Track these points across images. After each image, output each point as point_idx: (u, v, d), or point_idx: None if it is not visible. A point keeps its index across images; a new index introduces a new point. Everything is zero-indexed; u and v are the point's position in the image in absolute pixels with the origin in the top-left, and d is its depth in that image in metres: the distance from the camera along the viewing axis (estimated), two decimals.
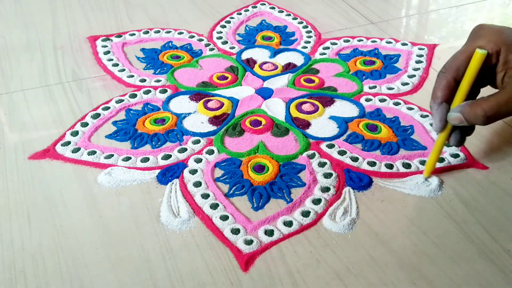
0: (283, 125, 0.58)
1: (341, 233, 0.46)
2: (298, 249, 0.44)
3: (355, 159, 0.53)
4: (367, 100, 0.62)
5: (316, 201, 0.49)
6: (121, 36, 0.75)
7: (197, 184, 0.51)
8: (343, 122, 0.58)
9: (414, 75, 0.66)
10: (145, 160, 0.53)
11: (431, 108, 0.48)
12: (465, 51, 0.46)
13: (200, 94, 0.63)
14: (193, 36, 0.75)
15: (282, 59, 0.70)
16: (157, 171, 0.52)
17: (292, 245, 0.45)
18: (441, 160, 0.53)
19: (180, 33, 0.76)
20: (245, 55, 0.71)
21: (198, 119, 0.59)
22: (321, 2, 0.85)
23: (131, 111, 0.61)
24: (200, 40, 0.75)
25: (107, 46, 0.73)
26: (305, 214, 0.47)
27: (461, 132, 0.48)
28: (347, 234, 0.46)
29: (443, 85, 0.46)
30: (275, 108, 0.61)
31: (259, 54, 0.71)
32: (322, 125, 0.58)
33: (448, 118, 0.46)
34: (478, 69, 0.45)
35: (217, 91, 0.64)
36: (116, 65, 0.69)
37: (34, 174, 0.52)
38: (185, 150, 0.55)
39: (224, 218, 0.47)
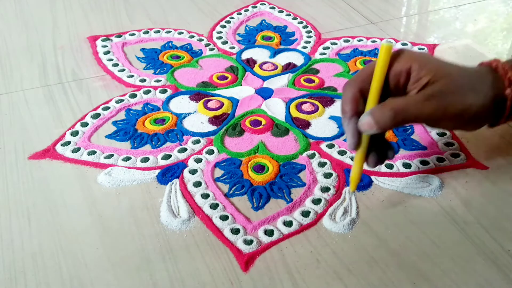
0: (283, 125, 0.58)
1: (341, 233, 0.46)
2: (298, 249, 0.44)
3: None
4: None
5: (316, 201, 0.49)
6: (121, 36, 0.75)
7: (197, 184, 0.51)
8: None
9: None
10: (145, 159, 0.53)
11: (343, 124, 0.44)
12: (371, 65, 0.43)
13: (200, 94, 0.63)
14: (193, 36, 0.75)
15: (282, 59, 0.70)
16: (157, 171, 0.52)
17: (292, 245, 0.45)
18: (441, 159, 0.53)
19: (180, 33, 0.76)
20: (245, 55, 0.71)
21: (198, 119, 0.59)
22: (321, 2, 0.85)
23: (131, 111, 0.61)
24: (200, 40, 0.75)
25: (107, 46, 0.73)
26: (305, 214, 0.47)
27: (379, 154, 0.45)
28: (347, 234, 0.46)
29: (349, 98, 0.43)
30: (275, 108, 0.61)
31: (259, 54, 0.71)
32: (322, 125, 0.58)
33: (359, 125, 0.42)
34: (387, 65, 0.41)
35: (217, 91, 0.64)
36: (116, 65, 0.69)
37: (34, 174, 0.52)
38: (185, 149, 0.55)
39: (224, 218, 0.47)
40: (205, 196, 0.49)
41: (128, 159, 0.54)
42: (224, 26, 0.78)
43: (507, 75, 0.42)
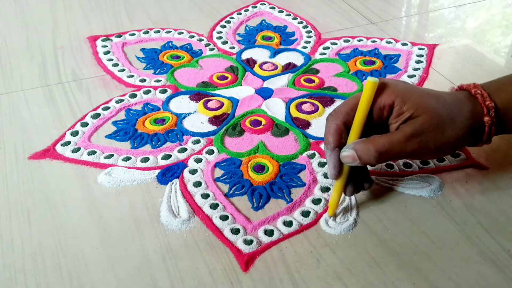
0: (283, 125, 0.58)
1: (341, 233, 0.46)
2: (298, 249, 0.44)
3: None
4: None
5: (316, 201, 0.49)
6: (121, 36, 0.75)
7: (197, 184, 0.51)
8: None
9: (414, 75, 0.66)
10: (145, 159, 0.53)
11: (325, 154, 0.45)
12: (355, 96, 0.44)
13: (200, 94, 0.63)
14: (193, 36, 0.75)
15: (282, 59, 0.70)
16: (157, 171, 0.52)
17: (292, 245, 0.45)
18: (441, 159, 0.53)
19: (180, 33, 0.76)
20: (245, 55, 0.71)
21: (198, 119, 0.59)
22: (321, 2, 0.85)
23: (131, 111, 0.61)
24: (200, 40, 0.75)
25: (107, 46, 0.73)
26: (305, 214, 0.47)
27: (356, 184, 0.46)
28: (347, 234, 0.46)
29: (333, 130, 0.44)
30: (275, 108, 0.61)
31: (259, 54, 0.71)
32: (322, 125, 0.58)
33: (341, 156, 0.43)
34: (371, 100, 0.42)
35: (217, 91, 0.64)
36: (116, 65, 0.69)
37: (34, 174, 0.52)
38: (185, 149, 0.55)
39: (224, 218, 0.47)
40: (205, 196, 0.49)
41: (128, 159, 0.54)
42: (224, 26, 0.78)
43: (485, 102, 0.44)
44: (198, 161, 0.53)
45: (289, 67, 0.68)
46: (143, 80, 0.66)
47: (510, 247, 0.44)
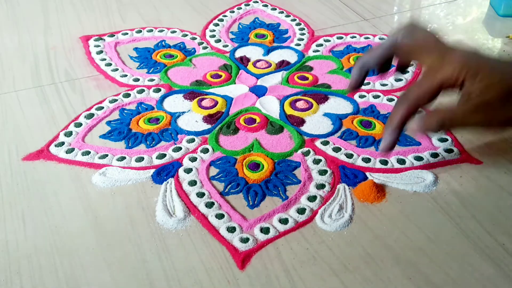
0: (278, 123, 0.58)
1: (336, 229, 0.46)
2: (294, 246, 0.44)
3: (349, 156, 0.53)
4: (361, 96, 0.62)
5: (312, 198, 0.49)
6: (114, 35, 0.75)
7: (192, 183, 0.51)
8: (337, 119, 0.58)
9: (408, 71, 0.66)
10: (140, 159, 0.53)
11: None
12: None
13: (194, 93, 0.63)
14: (186, 35, 0.75)
15: (275, 56, 0.70)
16: (152, 170, 0.52)
17: (288, 242, 0.45)
18: (435, 155, 0.53)
19: (173, 32, 0.76)
20: (238, 53, 0.71)
21: (192, 118, 0.59)
22: None
23: (125, 111, 0.60)
24: (193, 38, 0.74)
25: (99, 46, 0.73)
26: (301, 211, 0.47)
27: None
28: (342, 230, 0.46)
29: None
30: (269, 106, 0.61)
31: (252, 52, 0.71)
32: (316, 122, 0.58)
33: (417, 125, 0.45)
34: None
35: (211, 90, 0.64)
36: (109, 65, 0.69)
37: (28, 175, 0.52)
38: (180, 148, 0.55)
39: (220, 216, 0.47)
40: (201, 195, 0.49)
41: (122, 158, 0.53)
42: (217, 25, 0.78)
43: None
44: (193, 159, 0.53)
45: (282, 65, 0.68)
46: (137, 80, 0.66)
47: (505, 240, 0.44)
